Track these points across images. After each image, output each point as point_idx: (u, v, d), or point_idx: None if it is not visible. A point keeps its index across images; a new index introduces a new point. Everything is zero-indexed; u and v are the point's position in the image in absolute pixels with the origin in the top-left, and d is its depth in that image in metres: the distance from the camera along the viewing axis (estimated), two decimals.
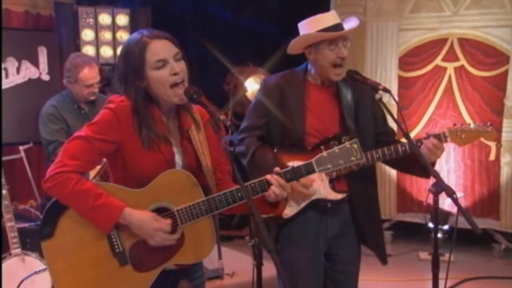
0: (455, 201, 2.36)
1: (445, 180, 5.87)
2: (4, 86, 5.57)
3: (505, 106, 5.76)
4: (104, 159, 2.22)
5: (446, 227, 5.74)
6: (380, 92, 2.63)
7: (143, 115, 2.08)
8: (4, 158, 5.41)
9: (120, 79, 2.13)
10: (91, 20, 5.53)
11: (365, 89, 2.81)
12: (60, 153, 2.08)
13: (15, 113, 5.55)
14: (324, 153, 2.11)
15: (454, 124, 2.78)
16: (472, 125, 2.79)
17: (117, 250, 2.07)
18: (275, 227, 2.79)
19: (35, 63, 5.70)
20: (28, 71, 5.68)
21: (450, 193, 2.36)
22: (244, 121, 2.92)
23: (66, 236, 2.07)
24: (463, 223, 2.41)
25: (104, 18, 5.59)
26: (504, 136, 5.76)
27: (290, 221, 2.74)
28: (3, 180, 3.77)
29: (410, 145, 2.60)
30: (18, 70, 5.64)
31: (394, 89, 6.23)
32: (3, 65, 5.57)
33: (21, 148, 5.40)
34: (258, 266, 2.16)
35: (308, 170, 2.13)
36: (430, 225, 5.71)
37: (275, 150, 2.75)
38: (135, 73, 2.08)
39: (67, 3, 6.08)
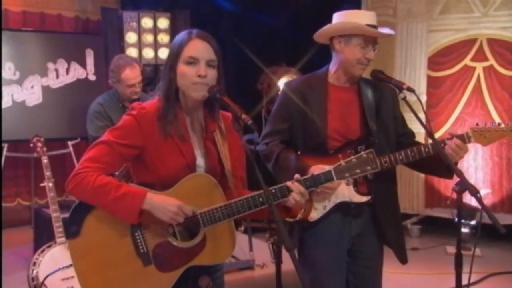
0: (479, 200, 2.27)
1: (473, 177, 5.84)
2: (54, 86, 5.70)
3: None
4: None
5: (473, 222, 5.60)
6: (404, 91, 2.54)
7: (168, 108, 2.05)
8: (54, 153, 5.54)
9: (162, 69, 2.13)
10: (135, 24, 5.59)
11: (385, 89, 2.72)
12: (83, 156, 2.04)
13: (64, 111, 5.66)
14: (342, 162, 2.10)
15: (477, 124, 2.61)
16: (495, 124, 2.61)
17: (141, 250, 2.03)
18: (300, 229, 2.70)
19: (83, 64, 5.81)
20: (77, 72, 5.79)
21: (474, 192, 2.27)
22: (266, 126, 2.80)
23: (91, 235, 2.02)
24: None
25: (147, 22, 5.65)
26: None
27: (315, 224, 2.65)
28: (49, 173, 3.81)
29: (433, 144, 2.50)
30: (67, 71, 5.75)
31: (423, 89, 6.13)
32: (54, 66, 5.69)
33: (69, 143, 5.52)
34: (278, 263, 2.10)
35: (327, 178, 2.10)
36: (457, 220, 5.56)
37: (298, 153, 2.66)
38: (171, 62, 2.06)
39: (113, 8, 6.17)
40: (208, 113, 2.15)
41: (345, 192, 2.62)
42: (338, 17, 2.67)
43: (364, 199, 2.63)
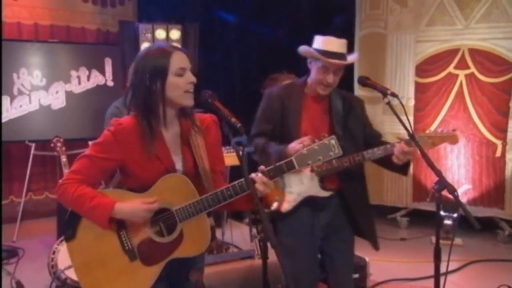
0: (456, 198, 2.19)
1: (456, 173, 5.77)
2: (77, 91, 5.71)
3: (510, 109, 5.53)
4: None
5: (455, 215, 5.51)
6: (389, 96, 2.48)
7: (149, 125, 1.98)
8: (76, 151, 5.50)
9: (134, 84, 2.00)
10: (149, 35, 5.58)
11: (355, 101, 2.81)
12: (70, 169, 2.06)
13: (85, 114, 5.66)
14: (304, 150, 1.95)
15: (424, 131, 2.68)
16: (438, 131, 2.69)
17: (127, 247, 2.04)
18: (276, 218, 2.77)
19: (102, 72, 5.80)
20: (96, 79, 5.77)
21: (452, 191, 2.21)
22: (253, 129, 2.85)
23: (84, 237, 2.05)
24: (472, 212, 2.24)
25: (160, 33, 5.63)
26: (509, 135, 5.55)
27: (288, 215, 2.73)
28: (67, 170, 3.76)
29: (416, 144, 2.45)
30: (88, 77, 5.75)
31: (411, 94, 6.06)
32: (76, 74, 5.67)
33: (90, 143, 5.44)
34: (264, 259, 2.02)
35: (289, 166, 1.97)
36: (442, 213, 5.49)
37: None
38: (157, 76, 1.95)
39: (130, 21, 6.16)
40: (182, 118, 2.09)
41: (312, 188, 2.69)
42: (315, 39, 2.72)
43: (327, 194, 2.69)
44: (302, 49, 2.73)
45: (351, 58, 2.68)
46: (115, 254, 2.03)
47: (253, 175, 1.97)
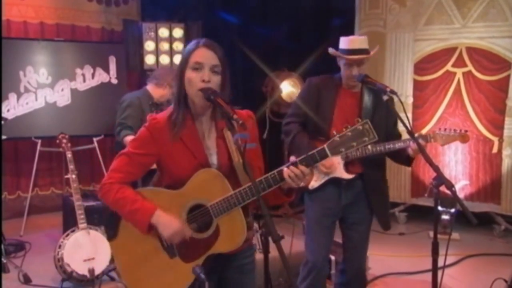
0: (454, 193, 2.19)
1: (454, 169, 5.77)
2: (81, 89, 5.70)
3: (507, 106, 5.54)
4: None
5: (453, 210, 5.50)
6: (388, 94, 2.48)
7: (177, 112, 2.00)
8: (81, 148, 5.53)
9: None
10: (153, 34, 5.60)
11: (382, 97, 2.89)
12: (110, 167, 2.08)
13: (90, 111, 5.66)
14: (336, 137, 1.84)
15: (440, 129, 2.99)
16: (452, 131, 2.98)
17: (165, 244, 2.04)
18: (304, 192, 3.07)
19: (106, 70, 5.78)
20: (101, 76, 5.76)
21: (450, 187, 2.21)
22: (290, 109, 3.19)
23: (125, 236, 2.07)
24: (469, 207, 2.24)
25: (163, 32, 5.64)
26: (506, 132, 5.56)
27: (315, 191, 3.02)
28: (72, 166, 3.75)
29: (415, 140, 2.49)
30: (93, 75, 5.73)
31: (410, 91, 6.06)
32: (81, 71, 5.66)
33: (94, 139, 5.49)
34: (265, 253, 2.01)
35: (322, 155, 1.88)
36: (440, 208, 5.48)
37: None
38: (181, 69, 2.00)
39: (134, 20, 6.15)
40: (217, 113, 2.03)
41: (337, 170, 2.96)
42: (340, 43, 3.00)
43: (350, 176, 2.94)
44: (330, 51, 3.02)
45: (375, 49, 2.97)
46: (156, 251, 2.04)
47: (284, 169, 1.90)
